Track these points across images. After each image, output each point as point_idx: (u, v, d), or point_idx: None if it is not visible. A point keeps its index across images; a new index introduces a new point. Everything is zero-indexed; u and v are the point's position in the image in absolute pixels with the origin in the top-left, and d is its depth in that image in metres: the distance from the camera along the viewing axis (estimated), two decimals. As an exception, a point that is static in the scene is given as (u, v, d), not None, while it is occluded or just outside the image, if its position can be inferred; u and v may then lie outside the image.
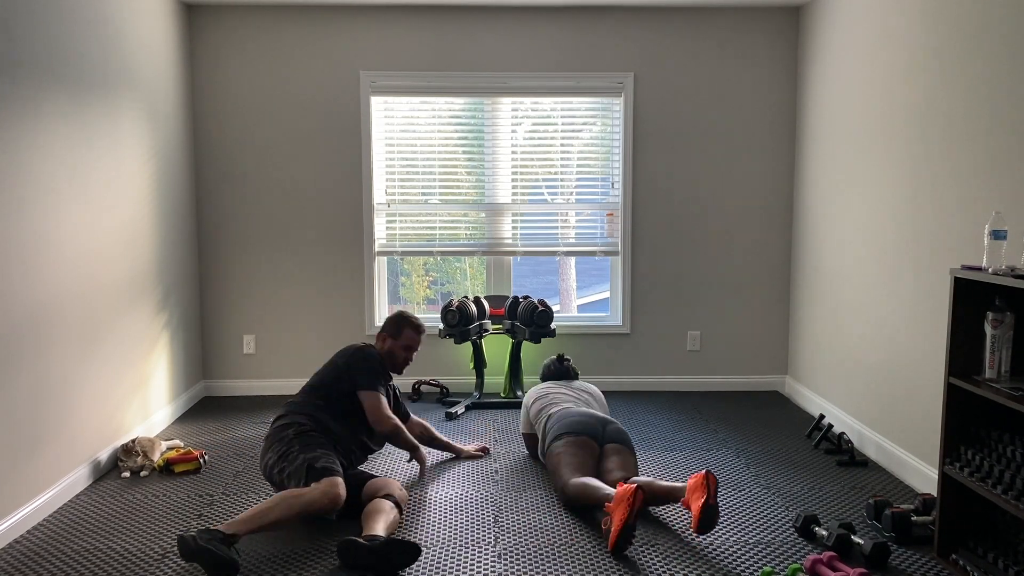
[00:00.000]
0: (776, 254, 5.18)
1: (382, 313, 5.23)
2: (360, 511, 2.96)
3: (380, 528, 2.80)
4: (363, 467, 3.59)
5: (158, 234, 4.42)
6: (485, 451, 3.97)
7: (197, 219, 5.05)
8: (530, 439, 3.85)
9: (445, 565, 2.79)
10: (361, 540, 2.65)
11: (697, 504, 2.86)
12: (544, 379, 4.19)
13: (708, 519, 2.83)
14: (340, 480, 2.98)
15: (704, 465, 3.82)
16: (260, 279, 5.11)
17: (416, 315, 3.73)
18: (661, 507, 3.25)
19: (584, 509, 3.20)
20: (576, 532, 3.06)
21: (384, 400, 3.42)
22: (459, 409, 4.71)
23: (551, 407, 3.71)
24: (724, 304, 5.21)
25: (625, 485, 2.84)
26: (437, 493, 3.47)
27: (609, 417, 3.63)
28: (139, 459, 3.71)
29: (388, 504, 2.96)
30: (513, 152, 5.17)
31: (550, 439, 3.50)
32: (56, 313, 3.35)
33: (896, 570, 2.77)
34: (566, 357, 4.26)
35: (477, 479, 3.64)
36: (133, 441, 3.78)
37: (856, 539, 2.86)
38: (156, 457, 3.77)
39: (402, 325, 3.61)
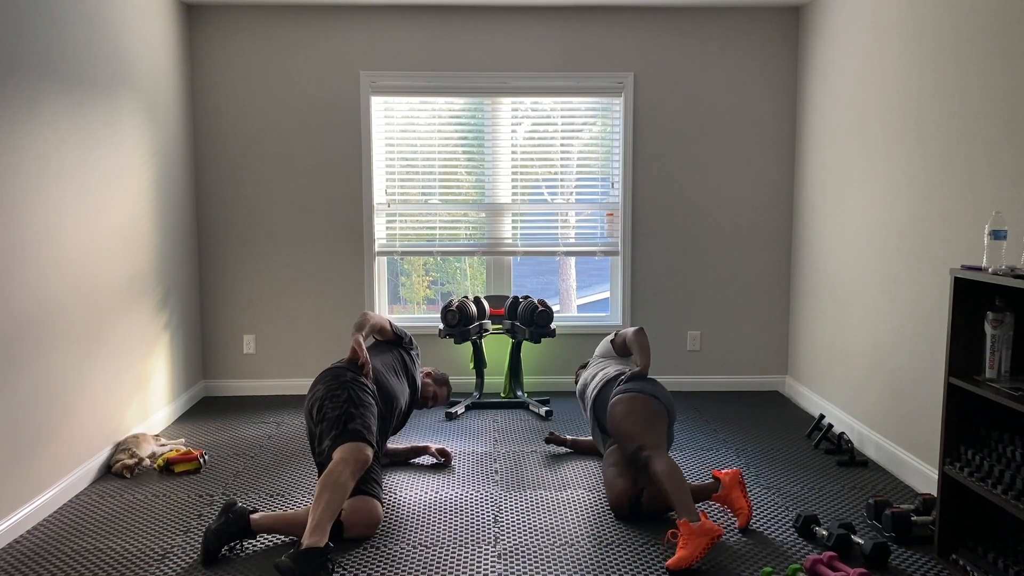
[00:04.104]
0: (776, 254, 5.18)
1: (382, 313, 5.23)
2: (351, 533, 2.99)
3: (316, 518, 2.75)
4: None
5: (158, 234, 4.42)
6: (444, 456, 3.87)
7: (197, 219, 5.05)
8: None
9: (445, 565, 2.80)
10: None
11: (742, 502, 3.07)
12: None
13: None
14: (365, 445, 2.97)
15: (704, 465, 3.82)
16: (260, 279, 5.11)
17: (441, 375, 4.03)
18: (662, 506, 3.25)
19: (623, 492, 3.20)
20: (576, 532, 3.06)
21: (387, 319, 3.65)
22: (459, 409, 4.71)
23: (620, 366, 3.64)
24: (724, 304, 5.21)
25: (705, 517, 2.81)
26: (437, 493, 3.47)
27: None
28: (127, 457, 3.70)
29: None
30: (513, 152, 5.17)
31: (621, 384, 3.40)
32: (56, 313, 3.35)
33: (896, 570, 2.78)
34: None
35: (477, 479, 3.64)
36: (123, 442, 3.80)
37: (856, 539, 2.86)
38: (144, 452, 3.77)
39: (447, 384, 3.99)
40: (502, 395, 5.06)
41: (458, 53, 5.00)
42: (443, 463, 3.85)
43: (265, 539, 2.99)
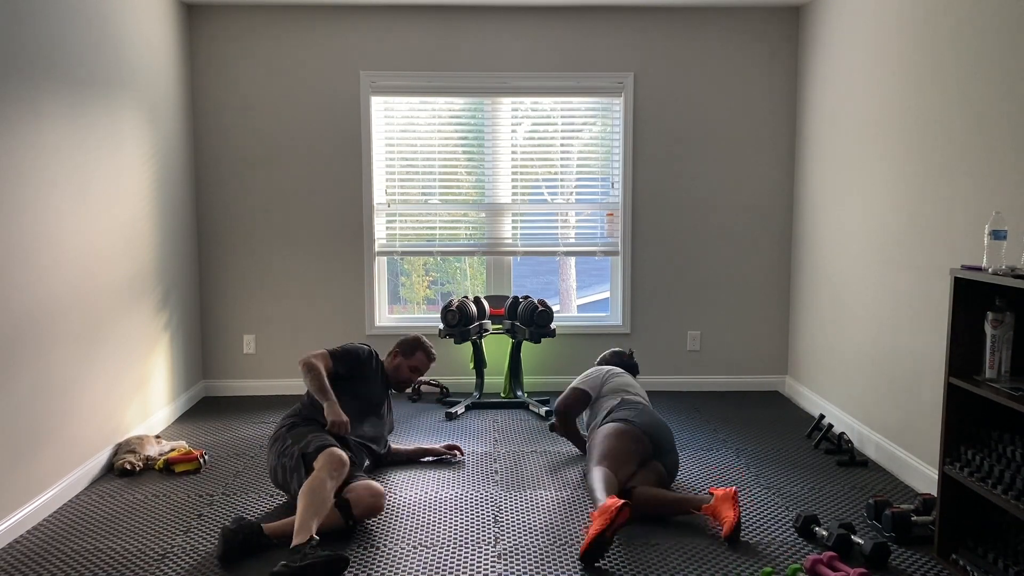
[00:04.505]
0: (776, 254, 5.18)
1: (382, 313, 5.24)
2: (359, 509, 3.02)
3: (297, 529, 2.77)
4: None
5: (158, 234, 4.42)
6: (453, 452, 3.88)
7: (197, 219, 5.05)
8: (578, 395, 3.75)
9: (445, 565, 2.80)
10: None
11: (730, 513, 2.98)
12: (609, 364, 4.05)
13: (736, 533, 2.96)
14: (335, 449, 3.02)
15: (704, 465, 3.82)
16: (260, 279, 5.11)
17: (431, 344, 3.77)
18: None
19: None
20: (576, 532, 3.06)
21: (325, 355, 3.42)
22: (459, 409, 4.71)
23: (630, 394, 3.64)
24: (724, 304, 5.21)
25: (614, 497, 2.81)
26: (437, 493, 3.47)
27: (666, 428, 3.51)
28: (130, 456, 3.70)
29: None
30: (513, 152, 5.17)
31: (613, 416, 3.44)
32: (56, 313, 3.35)
33: (896, 570, 2.78)
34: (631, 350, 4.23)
35: (477, 479, 3.64)
36: (126, 442, 3.82)
37: (856, 539, 2.86)
38: (148, 453, 3.77)
39: (416, 347, 3.68)
40: (502, 395, 5.06)
41: (458, 53, 5.00)
42: (453, 458, 3.86)
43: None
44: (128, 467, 3.67)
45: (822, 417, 4.29)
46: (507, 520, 3.18)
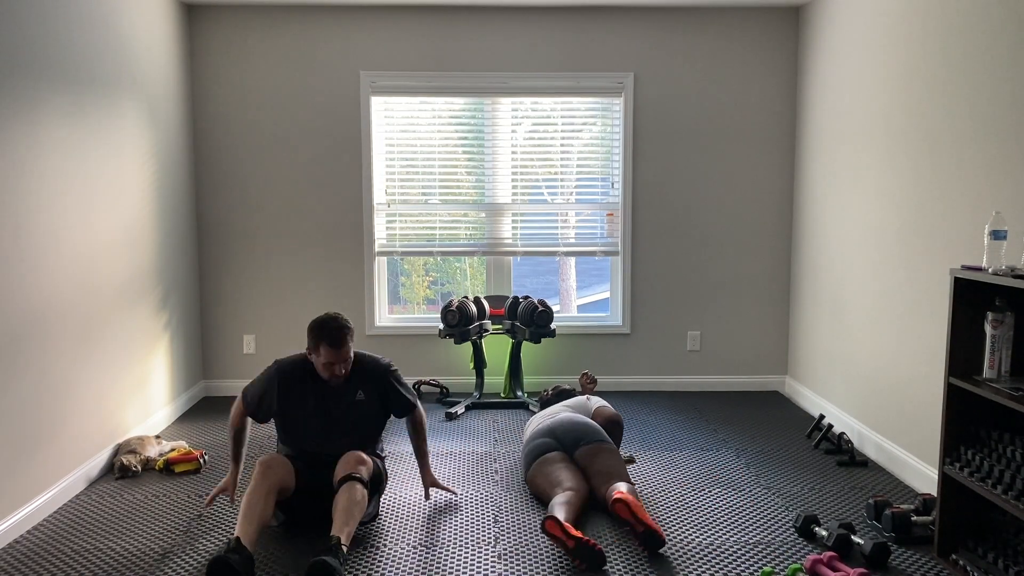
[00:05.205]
0: (776, 254, 5.18)
1: (382, 313, 5.24)
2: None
3: (346, 529, 2.74)
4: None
5: (158, 234, 4.42)
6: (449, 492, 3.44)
7: (197, 219, 5.05)
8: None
9: (445, 565, 2.80)
10: (330, 560, 2.57)
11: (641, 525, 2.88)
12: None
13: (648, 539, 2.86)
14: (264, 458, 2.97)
15: (704, 465, 3.82)
16: (260, 279, 5.11)
17: (344, 318, 3.06)
18: (662, 507, 3.27)
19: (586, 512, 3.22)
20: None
21: (240, 402, 3.12)
22: (459, 409, 4.71)
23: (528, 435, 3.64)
24: (724, 304, 5.21)
25: (569, 527, 2.79)
26: (437, 493, 3.46)
27: (574, 419, 3.53)
28: (130, 457, 3.70)
29: (357, 491, 2.85)
30: (513, 152, 5.17)
31: (524, 465, 3.52)
32: (56, 313, 3.35)
33: (896, 570, 2.78)
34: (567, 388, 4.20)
35: (477, 479, 3.64)
36: (126, 443, 3.82)
37: (856, 539, 2.87)
38: (148, 454, 3.77)
39: (318, 338, 2.98)
40: (502, 395, 5.06)
41: (458, 53, 5.00)
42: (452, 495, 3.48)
43: (268, 537, 2.99)
44: (131, 464, 3.67)
45: (822, 417, 4.29)
46: (507, 520, 3.18)
